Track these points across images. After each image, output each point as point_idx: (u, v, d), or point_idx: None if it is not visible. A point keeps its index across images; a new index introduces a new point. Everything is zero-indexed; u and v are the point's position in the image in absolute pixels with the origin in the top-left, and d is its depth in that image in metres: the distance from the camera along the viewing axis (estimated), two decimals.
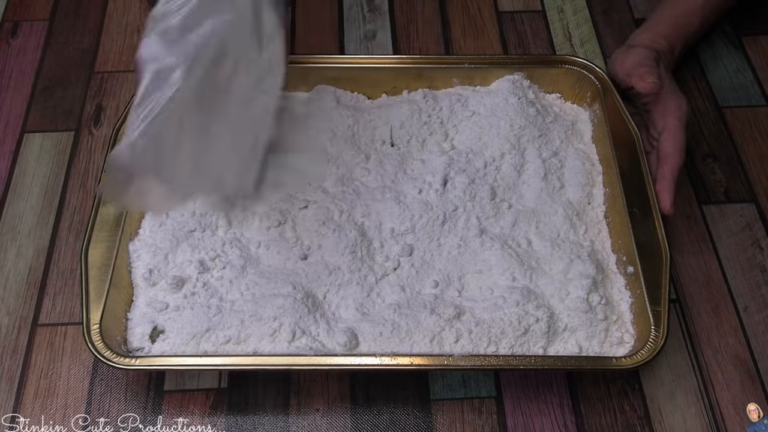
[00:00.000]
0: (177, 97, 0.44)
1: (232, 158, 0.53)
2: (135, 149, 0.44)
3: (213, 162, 0.51)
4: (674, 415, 0.58)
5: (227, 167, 0.53)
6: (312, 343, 0.55)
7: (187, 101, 0.45)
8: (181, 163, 0.48)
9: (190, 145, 0.48)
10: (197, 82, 0.45)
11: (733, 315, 0.63)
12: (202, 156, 0.50)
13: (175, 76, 0.44)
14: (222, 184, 0.53)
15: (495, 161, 0.66)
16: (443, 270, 0.60)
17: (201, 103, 0.47)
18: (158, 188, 0.49)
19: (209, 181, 0.52)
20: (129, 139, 0.44)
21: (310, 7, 0.85)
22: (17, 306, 0.62)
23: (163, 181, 0.48)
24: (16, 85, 0.77)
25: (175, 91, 0.44)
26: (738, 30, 0.83)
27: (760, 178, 0.71)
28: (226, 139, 0.51)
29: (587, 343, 0.56)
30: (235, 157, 0.53)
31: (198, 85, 0.46)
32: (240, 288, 0.58)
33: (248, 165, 0.54)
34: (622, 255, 0.60)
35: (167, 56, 0.44)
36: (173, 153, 0.47)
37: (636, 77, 0.65)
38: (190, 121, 0.46)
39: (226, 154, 0.52)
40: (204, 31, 0.46)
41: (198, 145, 0.49)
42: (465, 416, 0.58)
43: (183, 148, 0.47)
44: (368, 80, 0.71)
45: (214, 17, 0.46)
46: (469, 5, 0.86)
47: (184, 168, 0.49)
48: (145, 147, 0.44)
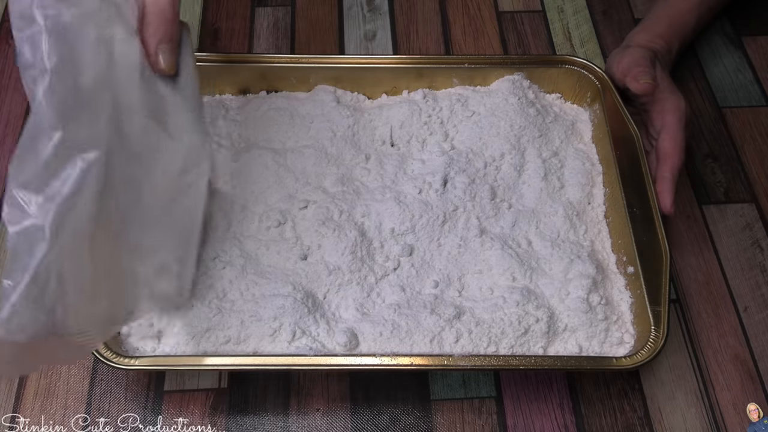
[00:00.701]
0: (55, 249, 0.39)
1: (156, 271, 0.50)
2: (16, 317, 0.38)
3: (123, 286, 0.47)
4: (674, 415, 0.58)
5: (150, 282, 0.49)
6: (312, 343, 0.55)
7: (74, 243, 0.40)
8: (76, 309, 0.42)
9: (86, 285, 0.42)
10: (84, 219, 0.40)
11: (733, 315, 0.63)
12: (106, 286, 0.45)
13: (45, 232, 0.39)
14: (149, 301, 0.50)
15: (495, 161, 0.66)
16: (443, 270, 0.60)
17: (102, 232, 0.42)
18: (55, 345, 0.43)
19: (127, 306, 0.48)
20: (5, 310, 0.38)
21: (310, 7, 0.85)
22: None
23: (60, 334, 0.41)
24: (16, 85, 0.77)
25: (47, 249, 0.38)
26: (738, 30, 0.83)
27: (760, 178, 0.71)
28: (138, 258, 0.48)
29: (587, 343, 0.56)
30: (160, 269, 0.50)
31: (89, 219, 0.41)
32: (240, 288, 0.58)
33: (183, 267, 0.53)
34: (622, 255, 0.60)
35: (31, 212, 0.39)
36: (71, 298, 0.41)
37: (630, 78, 0.65)
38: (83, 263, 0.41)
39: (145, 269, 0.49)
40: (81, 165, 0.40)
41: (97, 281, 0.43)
42: (465, 416, 0.58)
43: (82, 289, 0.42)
44: (368, 80, 0.71)
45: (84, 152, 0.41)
46: (469, 5, 0.86)
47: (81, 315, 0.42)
48: (30, 309, 0.38)
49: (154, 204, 0.49)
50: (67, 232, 0.39)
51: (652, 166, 0.64)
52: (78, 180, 0.40)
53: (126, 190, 0.45)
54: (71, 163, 0.40)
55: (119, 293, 0.47)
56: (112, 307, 0.47)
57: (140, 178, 0.47)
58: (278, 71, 0.70)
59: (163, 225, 0.50)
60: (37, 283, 0.38)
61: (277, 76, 0.71)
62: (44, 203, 0.39)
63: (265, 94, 0.71)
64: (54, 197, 0.39)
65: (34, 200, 0.39)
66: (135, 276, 0.48)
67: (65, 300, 0.40)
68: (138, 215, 0.47)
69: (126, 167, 0.45)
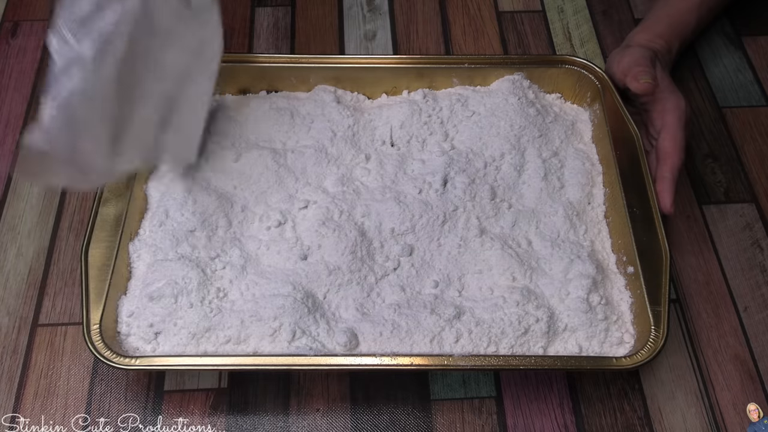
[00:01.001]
0: (90, 78, 0.46)
1: (167, 129, 0.55)
2: (47, 132, 0.46)
3: (142, 134, 0.53)
4: (674, 415, 0.58)
5: (161, 138, 0.56)
6: (312, 343, 0.55)
7: (105, 81, 0.47)
8: (99, 142, 0.50)
9: (110, 123, 0.50)
10: (116, 61, 0.47)
11: (733, 315, 0.63)
12: (130, 129, 0.52)
13: (87, 58, 0.45)
14: (158, 154, 0.57)
15: (495, 161, 0.66)
16: (443, 270, 0.60)
17: (127, 80, 0.49)
18: (74, 167, 0.50)
19: (140, 155, 0.55)
20: (41, 123, 0.45)
21: (310, 7, 0.85)
22: (17, 306, 0.62)
23: (81, 161, 0.49)
24: (16, 85, 0.77)
25: (87, 73, 0.46)
26: (738, 30, 0.83)
27: (760, 178, 0.71)
28: (156, 111, 0.53)
29: (587, 343, 0.56)
30: (172, 127, 0.56)
31: (118, 64, 0.47)
32: (240, 288, 0.58)
33: (189, 135, 0.57)
34: (622, 255, 0.60)
35: (78, 38, 0.45)
36: (92, 132, 0.49)
37: (630, 77, 0.65)
38: (112, 100, 0.48)
39: (159, 126, 0.55)
40: (122, 8, 0.47)
41: (120, 122, 0.51)
42: (465, 416, 0.58)
43: (103, 128, 0.49)
44: (368, 80, 0.71)
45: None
46: (469, 5, 0.86)
47: (103, 147, 0.50)
48: (58, 129, 0.46)
49: (168, 73, 0.54)
50: (102, 65, 0.46)
51: (652, 165, 0.64)
52: (116, 22, 0.46)
53: (146, 53, 0.51)
54: (112, 6, 0.46)
55: (136, 138, 0.53)
56: (129, 148, 0.53)
57: (159, 47, 0.52)
58: (278, 71, 0.70)
59: (177, 92, 0.56)
60: (71, 107, 0.45)
61: (277, 76, 0.71)
62: (86, 37, 0.45)
63: (265, 94, 0.71)
64: (94, 33, 0.45)
65: (78, 34, 0.45)
66: (150, 126, 0.55)
67: (91, 128, 0.48)
68: (154, 79, 0.53)
69: (148, 35, 0.50)
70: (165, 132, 0.57)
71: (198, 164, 0.64)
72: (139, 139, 0.54)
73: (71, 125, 0.46)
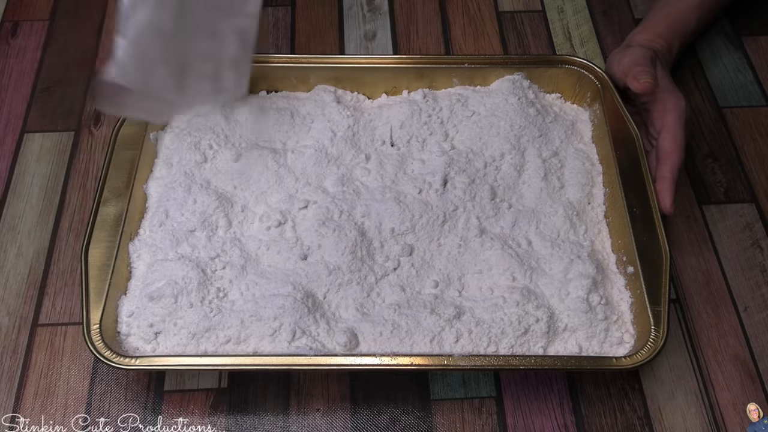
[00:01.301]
0: (156, 13, 0.49)
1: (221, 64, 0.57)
2: (122, 67, 0.50)
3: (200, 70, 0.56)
4: (674, 415, 0.58)
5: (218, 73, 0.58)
6: (312, 343, 0.55)
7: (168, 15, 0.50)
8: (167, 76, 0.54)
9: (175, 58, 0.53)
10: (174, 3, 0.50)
11: (733, 315, 0.63)
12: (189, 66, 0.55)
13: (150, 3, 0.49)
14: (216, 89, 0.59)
15: (495, 161, 0.66)
16: (443, 270, 0.60)
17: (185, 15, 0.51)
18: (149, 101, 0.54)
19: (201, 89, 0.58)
20: (115, 60, 0.49)
21: (310, 7, 0.85)
22: (17, 306, 0.62)
23: (153, 94, 0.54)
24: (16, 85, 0.77)
25: (152, 9, 0.49)
26: (738, 30, 0.83)
27: (760, 178, 0.71)
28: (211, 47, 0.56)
29: (587, 343, 0.56)
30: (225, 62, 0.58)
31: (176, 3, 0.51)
32: (240, 288, 0.58)
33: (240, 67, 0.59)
34: (622, 255, 0.60)
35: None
36: (159, 67, 0.52)
37: (630, 77, 0.65)
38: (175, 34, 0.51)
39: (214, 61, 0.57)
40: None
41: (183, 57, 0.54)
42: (465, 416, 0.58)
43: (169, 62, 0.53)
44: (368, 80, 0.71)
45: None
46: (469, 5, 0.86)
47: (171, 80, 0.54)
48: (131, 64, 0.50)
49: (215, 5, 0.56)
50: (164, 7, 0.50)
51: (652, 165, 0.64)
52: None
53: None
54: None
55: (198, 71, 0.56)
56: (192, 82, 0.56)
57: None
58: (278, 71, 0.70)
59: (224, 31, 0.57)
60: (141, 41, 0.50)
61: (277, 76, 0.71)
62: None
63: (265, 94, 0.71)
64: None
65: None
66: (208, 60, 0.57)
67: (160, 61, 0.52)
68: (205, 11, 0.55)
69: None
70: (220, 66, 0.59)
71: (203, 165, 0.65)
72: (200, 73, 0.57)
73: (142, 59, 0.51)
